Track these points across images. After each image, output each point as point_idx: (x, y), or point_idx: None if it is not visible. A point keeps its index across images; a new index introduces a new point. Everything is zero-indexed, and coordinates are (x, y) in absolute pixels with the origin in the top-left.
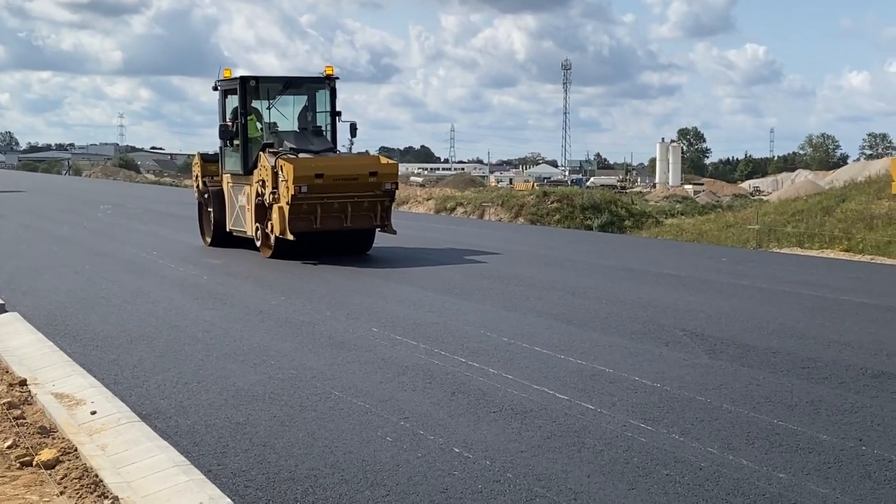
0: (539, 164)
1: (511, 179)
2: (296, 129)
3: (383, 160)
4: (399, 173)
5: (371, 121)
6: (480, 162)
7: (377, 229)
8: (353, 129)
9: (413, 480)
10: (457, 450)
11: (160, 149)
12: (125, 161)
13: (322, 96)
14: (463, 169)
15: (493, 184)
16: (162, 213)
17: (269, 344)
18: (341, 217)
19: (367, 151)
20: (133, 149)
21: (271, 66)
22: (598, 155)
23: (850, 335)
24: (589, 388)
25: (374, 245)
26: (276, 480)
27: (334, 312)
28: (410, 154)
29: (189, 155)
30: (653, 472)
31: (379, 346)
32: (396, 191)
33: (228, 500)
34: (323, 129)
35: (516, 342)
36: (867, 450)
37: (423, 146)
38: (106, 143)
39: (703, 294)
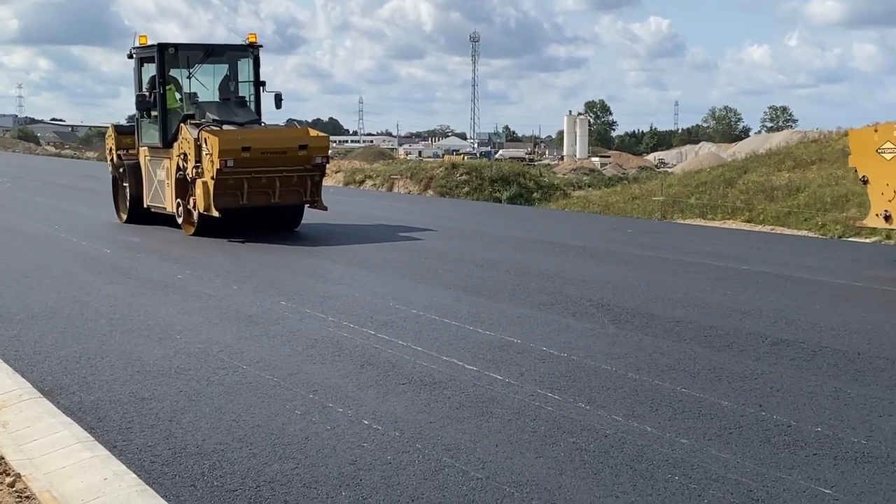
0: (448, 136)
1: (420, 152)
2: (217, 99)
3: (313, 133)
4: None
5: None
6: (389, 134)
7: (307, 205)
8: (279, 99)
9: (322, 453)
10: (366, 422)
11: (60, 120)
12: (24, 133)
13: (245, 65)
14: (372, 141)
15: (403, 156)
16: (63, 187)
17: (175, 318)
18: (269, 192)
19: (294, 123)
20: (32, 120)
21: (174, 35)
22: (506, 128)
23: (751, 304)
24: (497, 358)
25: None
26: (182, 455)
27: (241, 286)
28: (318, 126)
29: (90, 127)
30: (559, 441)
31: (287, 320)
32: (327, 165)
33: (133, 475)
34: (247, 99)
35: (425, 314)
36: (767, 415)
37: (331, 118)
38: (4, 115)
39: (610, 265)
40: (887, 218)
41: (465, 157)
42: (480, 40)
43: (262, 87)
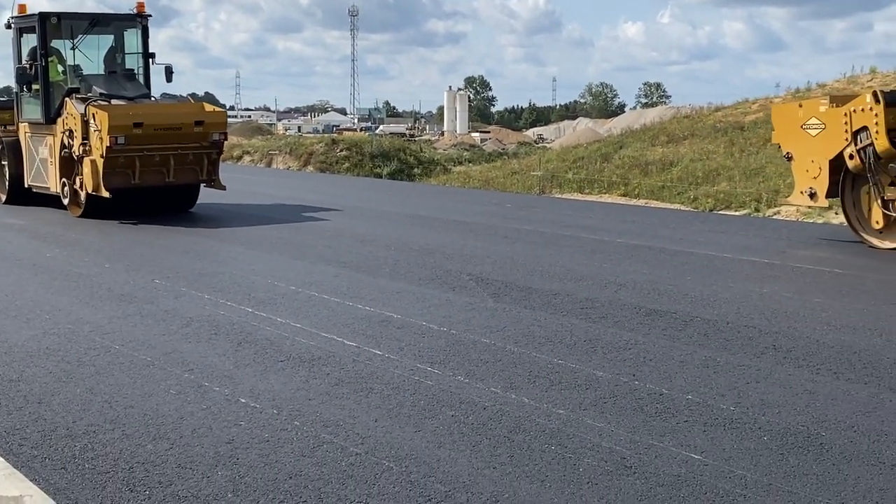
0: (328, 111)
1: (300, 127)
2: (103, 72)
3: (209, 108)
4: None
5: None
6: (268, 109)
7: (203, 185)
8: (169, 73)
9: (198, 433)
10: (243, 400)
11: None
12: None
13: (132, 36)
14: (250, 117)
15: (282, 132)
16: None
17: (44, 298)
18: (163, 171)
19: (186, 97)
20: None
21: (39, 4)
22: (387, 103)
23: (626, 276)
24: (377, 334)
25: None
26: (52, 437)
27: (114, 264)
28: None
29: None
30: (439, 414)
31: (161, 298)
32: (225, 142)
33: (1, 459)
34: (135, 72)
35: (304, 290)
36: (640, 384)
37: (207, 93)
38: None
39: (489, 240)
40: (812, 195)
41: (365, 132)
42: (359, 14)
43: (151, 60)
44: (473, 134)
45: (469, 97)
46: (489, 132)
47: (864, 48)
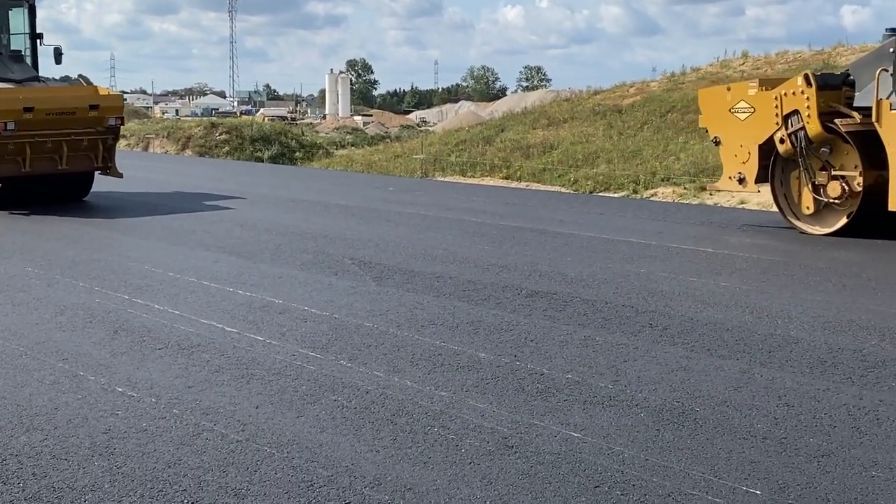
0: (207, 94)
1: (177, 111)
2: None
3: (104, 91)
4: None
5: None
6: (144, 92)
7: (98, 172)
8: (58, 54)
9: (73, 423)
10: (120, 389)
11: None
12: None
13: (18, 16)
14: (125, 100)
15: (159, 115)
16: None
17: None
18: (56, 158)
19: (79, 79)
20: None
21: None
22: (267, 86)
23: (508, 258)
24: (258, 319)
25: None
26: None
27: None
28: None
29: None
30: (321, 399)
31: (34, 286)
32: (122, 127)
33: None
34: (22, 54)
35: (183, 276)
36: (521, 364)
37: (80, 75)
38: None
39: (372, 223)
40: (741, 181)
41: (266, 119)
42: None
43: (39, 41)
44: (356, 117)
45: (351, 80)
46: (372, 115)
47: (736, 33)
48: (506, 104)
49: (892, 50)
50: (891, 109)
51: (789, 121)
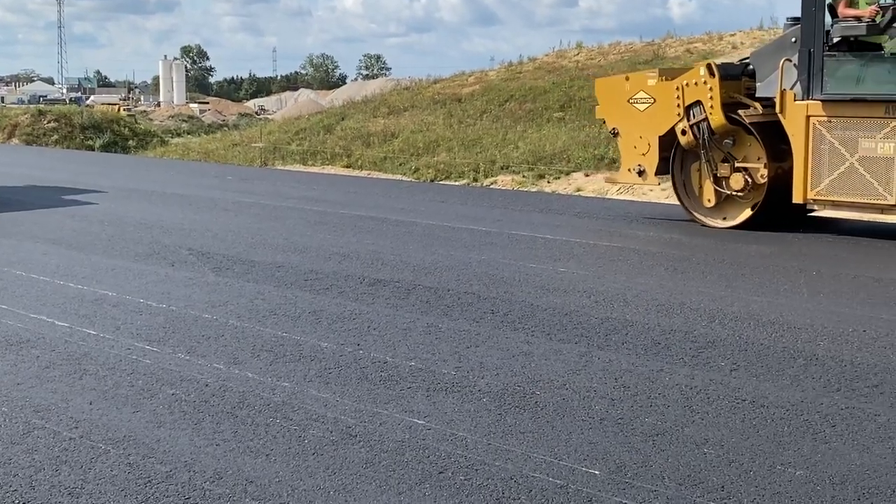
0: (34, 81)
1: (3, 98)
2: None
3: None
4: None
5: None
6: None
7: None
8: None
9: None
10: None
11: None
12: None
13: None
14: None
15: None
16: None
17: None
18: None
19: None
20: None
21: None
22: (98, 72)
23: (350, 247)
24: (91, 313)
25: None
26: None
27: None
28: None
29: None
30: (158, 393)
31: None
32: None
33: None
34: None
35: (10, 270)
36: (364, 353)
37: None
38: None
39: (210, 213)
40: (641, 173)
41: (121, 109)
42: None
43: None
44: (192, 105)
45: (186, 67)
46: (208, 103)
47: (570, 23)
48: (346, 92)
49: (794, 40)
50: (795, 100)
51: (691, 112)
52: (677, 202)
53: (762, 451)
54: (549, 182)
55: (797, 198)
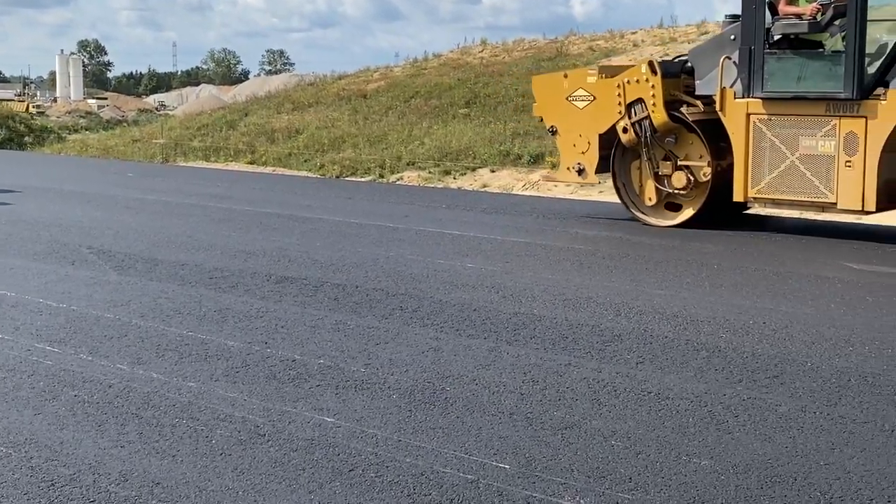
0: None
1: None
2: None
3: None
4: None
5: None
6: None
7: None
8: None
9: None
10: None
11: None
12: None
13: None
14: None
15: None
16: None
17: None
18: None
19: None
20: None
21: None
22: None
23: (256, 244)
24: None
25: None
26: None
27: None
28: None
29: None
30: (60, 395)
31: None
32: None
33: None
34: None
35: None
36: (272, 351)
37: None
38: None
39: (110, 210)
40: (581, 172)
41: (29, 106)
42: None
43: None
44: (90, 101)
45: (83, 62)
46: (107, 99)
47: (474, 20)
48: (249, 88)
49: (733, 37)
50: (735, 98)
51: (633, 109)
52: (585, 197)
53: (668, 442)
54: (455, 178)
55: (738, 196)
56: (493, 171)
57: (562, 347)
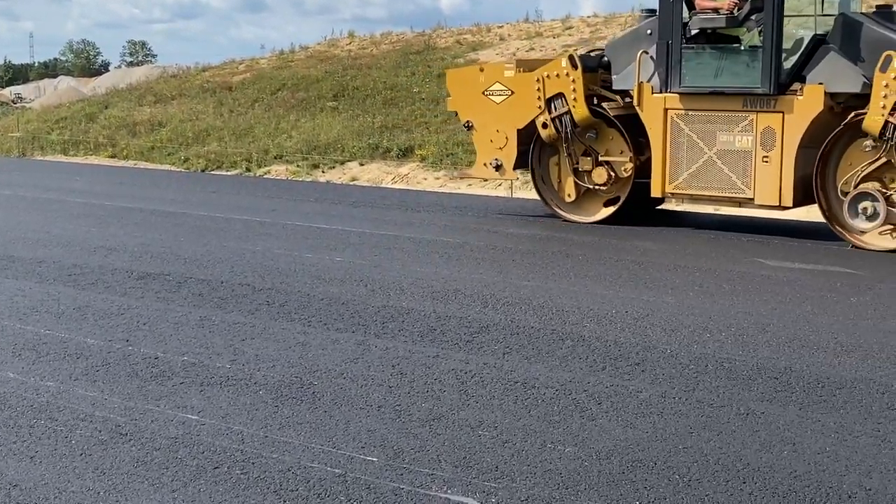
0: None
1: None
2: None
3: None
4: None
5: None
6: None
7: None
8: None
9: None
10: None
11: None
12: None
13: None
14: None
15: None
16: None
17: None
18: None
19: None
20: None
21: None
22: None
23: (117, 239)
24: None
25: None
26: None
27: None
28: None
29: None
30: None
31: None
32: None
33: None
34: None
35: None
36: (134, 349)
37: None
38: None
39: None
40: (498, 167)
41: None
42: None
43: None
44: None
45: None
46: None
47: (341, 12)
48: (109, 80)
49: (649, 32)
50: (652, 93)
51: (553, 104)
52: (457, 190)
53: (534, 431)
54: (323, 172)
55: (655, 191)
56: (362, 165)
57: (430, 340)
